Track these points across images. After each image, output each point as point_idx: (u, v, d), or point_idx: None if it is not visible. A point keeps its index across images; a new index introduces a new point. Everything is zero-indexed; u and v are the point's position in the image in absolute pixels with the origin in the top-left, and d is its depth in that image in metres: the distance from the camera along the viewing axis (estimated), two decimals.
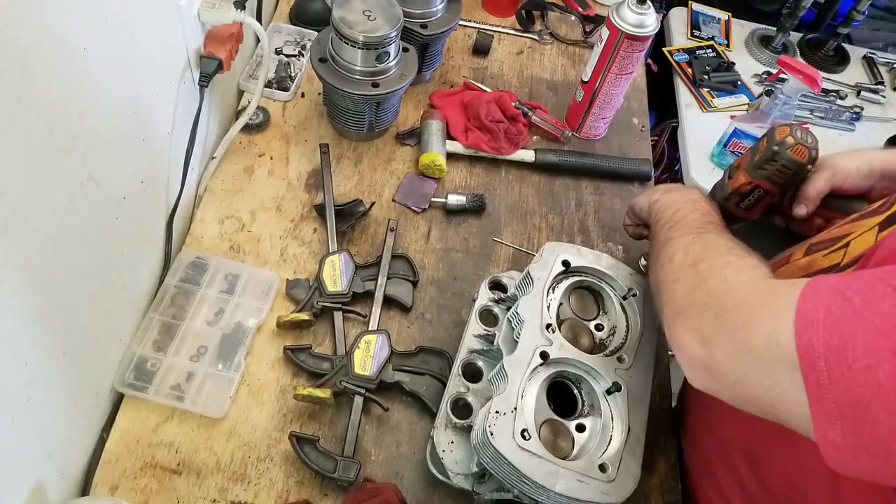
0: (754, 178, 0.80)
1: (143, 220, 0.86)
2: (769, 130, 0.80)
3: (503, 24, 1.41)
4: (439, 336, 0.96)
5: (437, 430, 0.80)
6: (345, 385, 0.85)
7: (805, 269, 0.71)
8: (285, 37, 1.23)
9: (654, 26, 1.07)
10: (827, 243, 0.71)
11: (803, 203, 0.79)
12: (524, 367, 0.76)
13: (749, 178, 0.80)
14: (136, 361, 0.85)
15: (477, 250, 1.06)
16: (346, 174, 1.10)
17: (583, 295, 0.89)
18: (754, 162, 0.80)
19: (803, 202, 0.79)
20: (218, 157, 1.05)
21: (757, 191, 0.81)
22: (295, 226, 1.02)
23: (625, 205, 1.15)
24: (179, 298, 0.91)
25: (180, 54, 0.88)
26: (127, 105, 0.75)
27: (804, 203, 0.79)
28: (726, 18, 1.86)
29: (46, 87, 0.58)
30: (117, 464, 0.80)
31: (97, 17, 0.65)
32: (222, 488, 0.80)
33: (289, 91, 1.16)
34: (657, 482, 0.88)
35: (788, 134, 0.77)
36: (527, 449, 0.70)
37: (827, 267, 0.67)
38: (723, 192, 0.85)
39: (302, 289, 0.94)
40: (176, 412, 0.84)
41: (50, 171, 0.61)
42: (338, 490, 0.81)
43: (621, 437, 0.75)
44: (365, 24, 0.97)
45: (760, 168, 0.79)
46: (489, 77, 1.29)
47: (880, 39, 2.00)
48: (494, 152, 1.15)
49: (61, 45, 0.60)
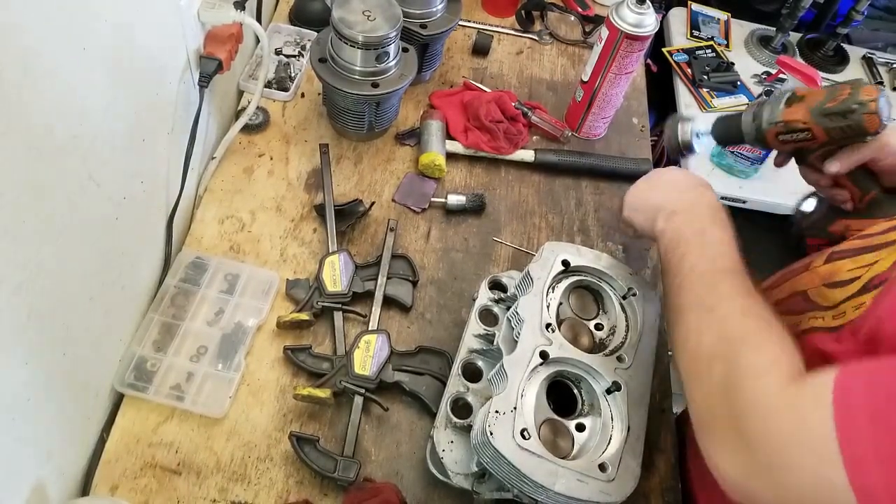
0: (813, 122, 0.74)
1: (144, 220, 0.86)
2: (855, 83, 0.73)
3: (503, 24, 1.41)
4: (439, 336, 0.96)
5: (437, 430, 0.80)
6: (345, 385, 0.85)
7: (826, 278, 0.69)
8: (285, 37, 1.23)
9: (653, 26, 1.07)
10: (849, 253, 0.68)
11: (838, 161, 0.75)
12: (524, 367, 0.76)
13: (808, 119, 0.74)
14: (136, 361, 0.85)
15: (477, 250, 1.06)
16: (345, 174, 1.10)
17: (582, 294, 0.89)
18: (823, 108, 0.73)
19: (840, 161, 0.75)
20: (218, 158, 1.05)
21: (806, 133, 0.75)
22: (295, 226, 1.03)
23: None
24: (179, 298, 0.91)
25: (180, 54, 0.88)
26: (127, 105, 0.75)
27: (840, 162, 0.75)
28: (726, 19, 1.86)
29: (47, 87, 0.58)
30: (117, 464, 0.80)
31: (97, 17, 0.65)
32: (222, 488, 0.80)
33: (288, 91, 1.16)
34: (657, 482, 0.88)
35: (874, 99, 0.71)
36: (526, 448, 0.70)
37: (848, 279, 0.65)
38: (771, 115, 0.77)
39: (302, 289, 0.95)
40: (176, 412, 0.84)
41: (50, 171, 0.61)
42: (338, 490, 0.81)
43: (621, 437, 0.75)
44: (364, 25, 0.98)
45: (826, 116, 0.73)
46: (489, 77, 1.30)
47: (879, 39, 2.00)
48: (494, 152, 1.15)
49: (61, 46, 0.60)
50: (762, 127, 0.79)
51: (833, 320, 0.66)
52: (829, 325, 0.66)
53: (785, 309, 0.73)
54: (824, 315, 0.68)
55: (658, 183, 0.84)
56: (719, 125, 0.85)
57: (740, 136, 0.82)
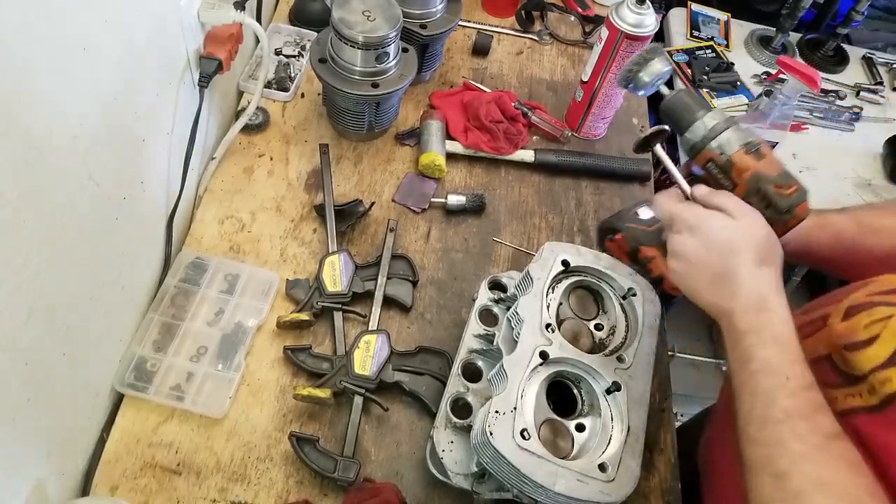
0: (746, 184, 0.71)
1: (143, 220, 0.86)
2: (802, 192, 0.71)
3: (503, 24, 1.41)
4: (439, 336, 0.96)
5: (437, 430, 0.80)
6: (345, 385, 0.85)
7: (844, 337, 0.64)
8: (285, 37, 1.23)
9: (653, 26, 1.07)
10: (865, 305, 0.64)
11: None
12: (524, 367, 0.76)
13: (746, 178, 0.71)
14: (136, 361, 0.85)
15: (476, 250, 1.06)
16: (345, 174, 1.10)
17: (582, 295, 0.89)
18: (765, 185, 0.70)
19: None
20: (218, 158, 1.05)
21: (731, 185, 0.72)
22: (295, 226, 1.03)
23: (624, 204, 1.16)
24: (179, 298, 0.91)
25: (180, 55, 0.88)
26: (127, 105, 0.75)
27: None
28: (725, 19, 1.86)
29: (47, 87, 0.58)
30: (117, 464, 0.80)
31: (97, 17, 0.65)
32: (222, 488, 0.80)
33: (288, 91, 1.16)
34: (657, 482, 0.88)
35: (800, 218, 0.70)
36: (526, 449, 0.70)
37: (866, 339, 0.61)
38: (726, 145, 0.72)
39: (302, 289, 0.95)
40: (176, 412, 0.84)
41: (50, 171, 0.61)
42: (338, 490, 0.81)
43: (621, 437, 0.75)
44: (364, 25, 0.98)
45: (759, 192, 0.71)
46: (489, 77, 1.30)
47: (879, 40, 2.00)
48: (494, 152, 1.15)
49: (61, 46, 0.60)
50: (707, 144, 0.74)
51: (870, 396, 0.60)
52: (869, 403, 0.60)
53: (817, 380, 0.64)
54: (861, 391, 0.61)
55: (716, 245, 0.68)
56: (678, 102, 0.78)
57: (682, 130, 0.78)
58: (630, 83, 0.82)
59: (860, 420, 0.60)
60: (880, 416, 0.58)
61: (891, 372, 0.57)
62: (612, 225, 0.92)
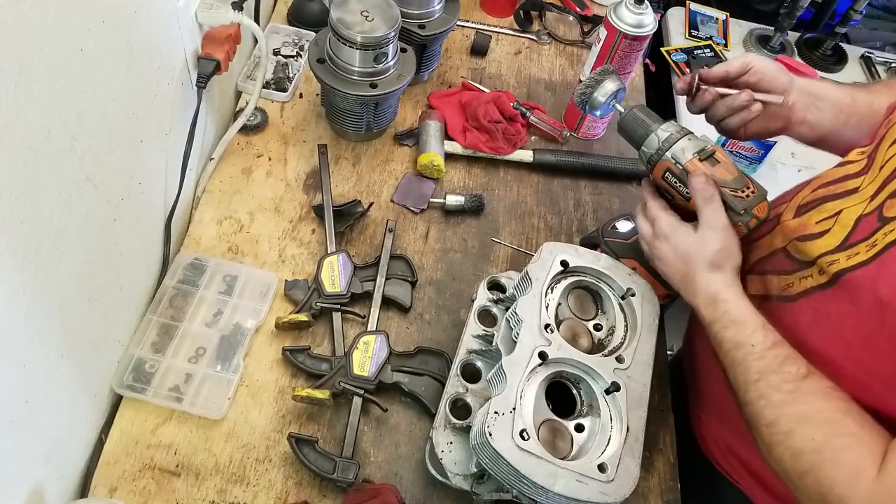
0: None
1: (142, 221, 0.86)
2: (761, 192, 0.78)
3: (501, 24, 1.41)
4: (438, 336, 0.96)
5: (436, 431, 0.80)
6: (343, 386, 0.85)
7: (797, 231, 0.75)
8: (283, 38, 1.23)
9: (651, 26, 1.07)
10: (814, 203, 0.75)
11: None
12: (523, 368, 0.76)
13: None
14: (135, 363, 0.85)
15: (475, 251, 1.06)
16: (344, 175, 1.10)
17: (581, 295, 0.89)
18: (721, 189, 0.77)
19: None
20: (216, 158, 1.05)
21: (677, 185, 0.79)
22: (293, 227, 1.02)
23: (623, 204, 1.16)
24: (178, 300, 0.91)
25: (178, 55, 0.88)
26: (124, 106, 0.75)
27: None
28: (724, 18, 1.86)
29: (44, 88, 0.58)
30: (116, 465, 0.80)
31: (95, 18, 0.65)
32: (221, 489, 0.80)
33: (287, 92, 1.16)
34: (656, 482, 0.88)
35: (759, 219, 0.76)
36: (526, 449, 0.70)
37: (818, 232, 0.72)
38: (679, 155, 0.79)
39: (300, 290, 0.94)
40: (174, 413, 0.84)
41: (47, 172, 0.61)
42: (337, 491, 0.81)
43: (620, 437, 0.75)
44: (363, 25, 0.97)
45: None
46: (487, 77, 1.30)
47: (878, 39, 2.00)
48: (493, 153, 1.15)
49: (59, 47, 0.59)
50: (663, 155, 0.79)
51: (820, 276, 0.71)
52: (820, 282, 0.71)
53: (772, 269, 0.79)
54: (812, 272, 0.73)
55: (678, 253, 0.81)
56: (632, 119, 0.83)
57: (637, 143, 0.83)
58: (585, 104, 0.87)
59: (815, 298, 0.72)
60: (830, 291, 0.69)
61: (839, 255, 0.68)
62: (592, 240, 0.99)
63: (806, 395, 0.66)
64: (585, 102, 0.88)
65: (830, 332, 0.69)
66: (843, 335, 0.68)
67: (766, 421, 0.67)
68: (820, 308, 0.71)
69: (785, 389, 0.67)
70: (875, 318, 0.64)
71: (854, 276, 0.66)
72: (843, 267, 0.68)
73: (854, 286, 0.66)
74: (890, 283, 0.62)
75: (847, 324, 0.67)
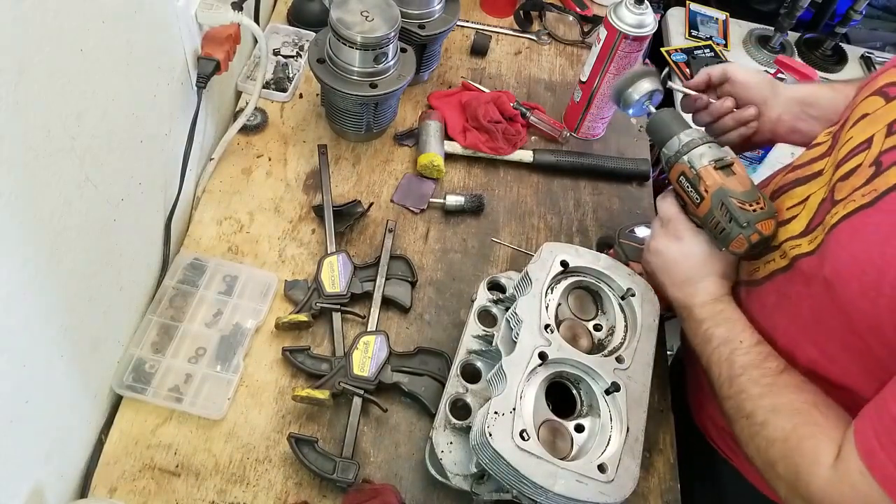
0: (711, 199, 0.77)
1: (142, 221, 0.86)
2: (771, 213, 0.76)
3: (501, 24, 1.41)
4: (438, 337, 0.96)
5: (436, 431, 0.80)
6: (343, 386, 0.85)
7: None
8: (283, 38, 1.23)
9: (651, 26, 1.07)
10: (786, 187, 0.78)
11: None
12: (523, 368, 0.76)
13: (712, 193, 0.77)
14: (135, 363, 0.85)
15: (475, 251, 1.06)
16: (344, 175, 1.10)
17: (581, 295, 0.89)
18: (729, 199, 0.75)
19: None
20: (216, 159, 1.05)
21: (698, 199, 0.79)
22: (293, 227, 1.02)
23: (623, 204, 1.16)
24: (178, 300, 0.91)
25: (178, 55, 0.88)
26: (124, 106, 0.75)
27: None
28: (724, 18, 1.86)
29: (44, 88, 0.58)
30: (116, 466, 0.80)
31: (95, 18, 0.65)
32: (221, 490, 0.80)
33: (287, 92, 1.16)
34: (656, 482, 0.88)
35: (763, 235, 0.75)
36: (525, 449, 0.70)
37: (787, 218, 0.75)
38: (697, 160, 0.79)
39: (300, 290, 0.94)
40: (174, 414, 0.84)
41: (47, 172, 0.61)
42: (337, 491, 0.81)
43: (620, 438, 0.75)
44: (363, 25, 0.97)
45: (723, 206, 0.76)
46: (487, 77, 1.30)
47: (878, 39, 2.00)
48: (493, 153, 1.15)
49: (59, 47, 0.59)
50: (680, 158, 0.80)
51: (782, 260, 0.74)
52: (780, 265, 0.74)
53: None
54: (774, 257, 0.76)
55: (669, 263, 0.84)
56: (661, 119, 0.85)
57: (661, 143, 0.84)
58: (620, 100, 0.90)
59: (778, 281, 0.75)
60: (789, 274, 0.73)
61: (801, 240, 0.71)
62: (608, 240, 1.00)
63: (781, 388, 0.69)
64: (620, 98, 0.90)
65: (792, 313, 0.72)
66: (802, 314, 0.71)
67: (745, 413, 0.70)
68: (782, 290, 0.74)
69: (763, 383, 0.70)
70: (825, 296, 0.66)
71: (805, 260, 0.70)
72: (799, 253, 0.71)
73: (805, 269, 0.70)
74: (831, 263, 0.65)
75: (805, 304, 0.70)
